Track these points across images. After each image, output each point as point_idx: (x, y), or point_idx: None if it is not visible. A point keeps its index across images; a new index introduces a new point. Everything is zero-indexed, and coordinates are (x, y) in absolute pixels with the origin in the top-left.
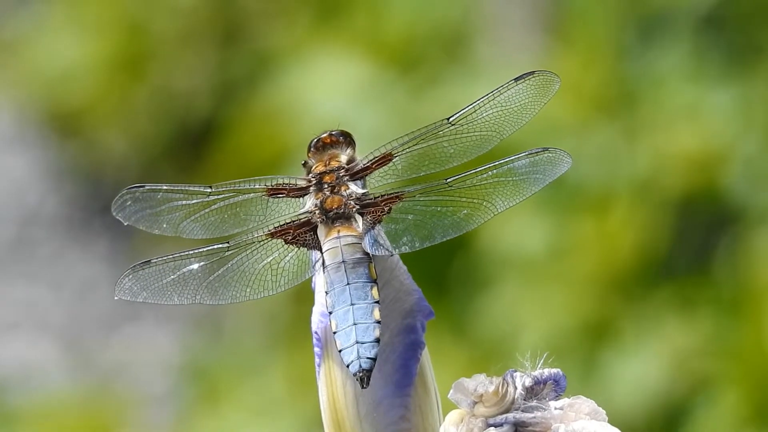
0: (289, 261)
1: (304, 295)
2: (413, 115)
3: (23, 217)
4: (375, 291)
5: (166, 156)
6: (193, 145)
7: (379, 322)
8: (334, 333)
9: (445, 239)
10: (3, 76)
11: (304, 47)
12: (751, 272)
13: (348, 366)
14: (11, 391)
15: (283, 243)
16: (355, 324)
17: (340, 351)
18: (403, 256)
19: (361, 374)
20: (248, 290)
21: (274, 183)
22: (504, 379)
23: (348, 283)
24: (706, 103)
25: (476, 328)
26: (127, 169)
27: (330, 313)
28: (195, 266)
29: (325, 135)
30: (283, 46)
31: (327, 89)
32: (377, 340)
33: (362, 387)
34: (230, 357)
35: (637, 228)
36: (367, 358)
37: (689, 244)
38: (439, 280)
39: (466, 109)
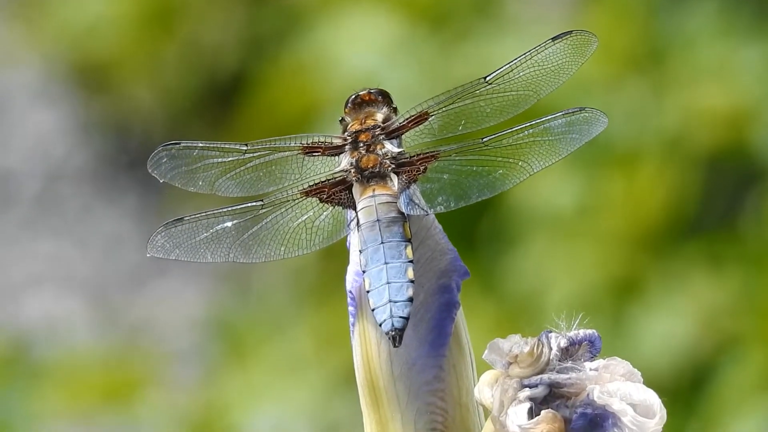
0: (323, 220)
1: (332, 252)
2: (443, 71)
3: (50, 172)
4: (409, 250)
5: (194, 111)
6: (222, 101)
7: (412, 281)
8: (368, 292)
9: (480, 199)
10: (30, 30)
11: (333, 2)
12: None
13: (380, 325)
14: (37, 346)
15: (318, 201)
16: (388, 283)
17: (373, 310)
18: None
19: (393, 333)
20: (282, 249)
21: (309, 141)
22: (539, 339)
23: (382, 242)
24: (735, 59)
25: (504, 284)
26: (154, 124)
27: (364, 272)
28: (228, 224)
29: (363, 92)
30: (312, 1)
31: (356, 44)
32: (410, 300)
33: (394, 346)
34: (258, 313)
35: (666, 185)
36: (400, 317)
37: (718, 201)
38: (467, 236)
39: (503, 68)
